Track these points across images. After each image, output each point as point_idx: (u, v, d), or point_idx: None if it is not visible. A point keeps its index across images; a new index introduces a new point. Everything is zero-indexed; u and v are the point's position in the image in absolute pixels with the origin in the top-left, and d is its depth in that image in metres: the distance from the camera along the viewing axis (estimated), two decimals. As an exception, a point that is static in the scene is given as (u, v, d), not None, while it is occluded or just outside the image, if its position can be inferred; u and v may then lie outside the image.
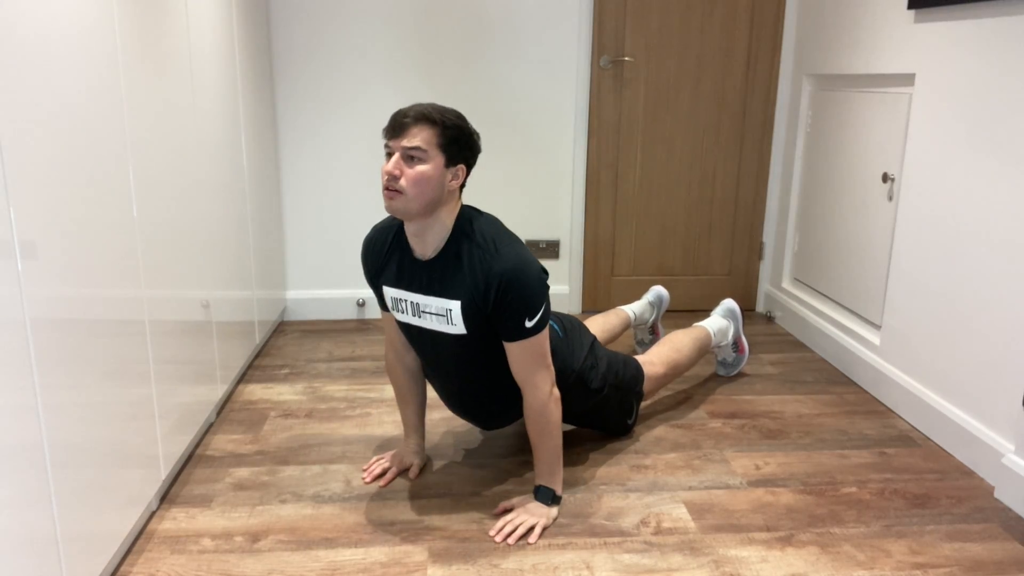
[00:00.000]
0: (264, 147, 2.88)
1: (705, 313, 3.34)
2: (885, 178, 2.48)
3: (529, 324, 1.70)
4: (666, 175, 3.27)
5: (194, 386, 2.04)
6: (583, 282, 3.37)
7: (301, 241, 3.21)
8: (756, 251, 3.40)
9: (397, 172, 1.62)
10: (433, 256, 1.73)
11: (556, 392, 1.79)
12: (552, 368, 1.78)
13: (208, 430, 2.26)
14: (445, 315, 1.75)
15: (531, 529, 1.76)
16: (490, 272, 1.67)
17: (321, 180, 3.14)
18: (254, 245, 2.70)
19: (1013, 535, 1.79)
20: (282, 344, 2.97)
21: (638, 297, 3.34)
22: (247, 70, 2.63)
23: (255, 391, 2.53)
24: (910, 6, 2.30)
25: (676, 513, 1.86)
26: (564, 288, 3.36)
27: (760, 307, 3.45)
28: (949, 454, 2.16)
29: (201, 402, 2.10)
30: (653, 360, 2.27)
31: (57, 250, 1.32)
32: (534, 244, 3.29)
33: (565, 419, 2.08)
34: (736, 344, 2.65)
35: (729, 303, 2.66)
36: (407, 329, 1.87)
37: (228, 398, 2.48)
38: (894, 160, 2.45)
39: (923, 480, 2.02)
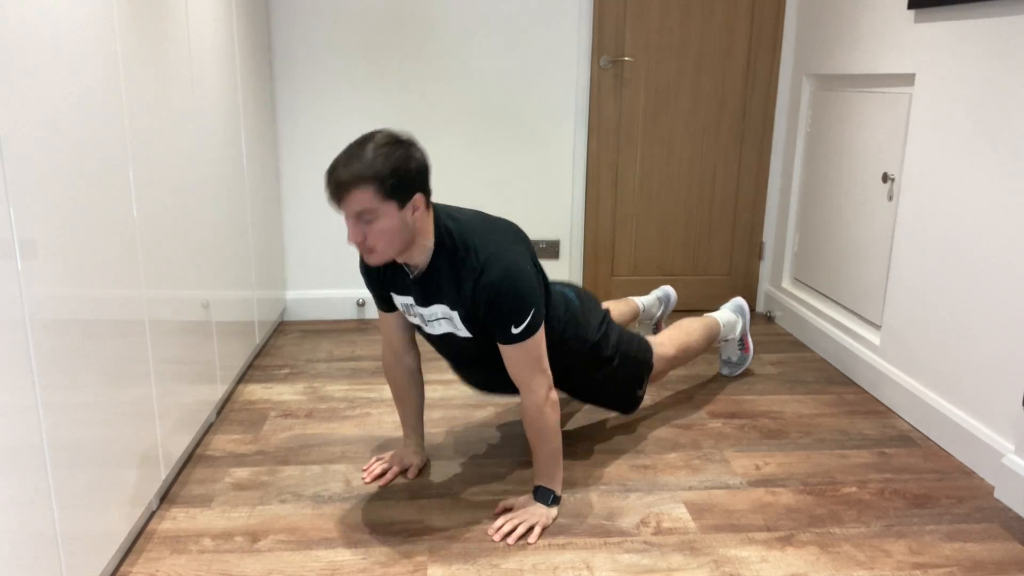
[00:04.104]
0: (264, 147, 2.88)
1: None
2: (885, 178, 2.48)
3: (516, 330, 1.70)
4: (666, 175, 3.27)
5: (194, 386, 2.04)
6: (583, 282, 3.37)
7: (301, 241, 3.21)
8: (756, 251, 3.40)
9: (359, 238, 1.60)
10: (422, 273, 1.74)
11: (553, 395, 1.79)
12: (548, 372, 1.78)
13: (208, 430, 2.26)
14: (450, 318, 1.77)
15: (531, 529, 1.76)
16: (476, 286, 1.68)
17: (321, 180, 3.14)
18: (254, 245, 2.70)
19: (1013, 535, 1.79)
20: (282, 344, 2.97)
21: (638, 297, 3.35)
22: (247, 70, 2.63)
23: (255, 391, 2.53)
24: (910, 6, 2.30)
25: (676, 513, 1.86)
26: (564, 288, 3.36)
27: (760, 307, 3.45)
28: (949, 454, 2.16)
29: (201, 402, 2.10)
30: (664, 341, 2.28)
31: (57, 250, 1.32)
32: (534, 244, 3.29)
33: (578, 393, 2.12)
34: (742, 342, 2.67)
35: (739, 300, 2.68)
36: (421, 330, 1.90)
37: (228, 398, 2.48)
38: (894, 160, 2.44)
39: (923, 480, 2.02)
